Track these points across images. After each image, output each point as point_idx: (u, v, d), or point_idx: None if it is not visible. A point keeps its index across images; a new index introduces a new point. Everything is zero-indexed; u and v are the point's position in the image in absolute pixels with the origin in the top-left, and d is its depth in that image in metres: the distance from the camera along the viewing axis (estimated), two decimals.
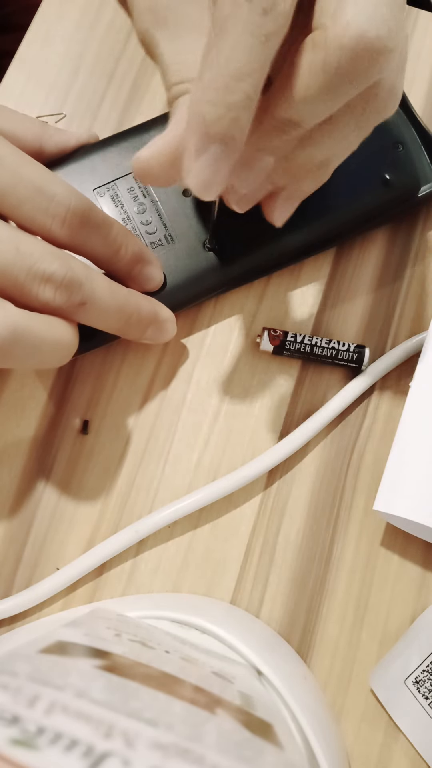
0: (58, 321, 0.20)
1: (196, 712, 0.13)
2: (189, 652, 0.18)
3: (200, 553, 0.24)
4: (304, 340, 0.25)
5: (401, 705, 0.22)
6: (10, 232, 0.19)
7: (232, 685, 0.17)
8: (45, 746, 0.10)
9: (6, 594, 0.24)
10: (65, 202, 0.20)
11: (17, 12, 0.44)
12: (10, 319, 0.18)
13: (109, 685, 0.13)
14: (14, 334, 0.18)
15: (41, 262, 0.19)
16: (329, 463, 0.25)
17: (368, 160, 0.26)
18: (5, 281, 0.19)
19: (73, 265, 0.19)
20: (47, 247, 0.19)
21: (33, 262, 0.19)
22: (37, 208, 0.19)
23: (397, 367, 0.26)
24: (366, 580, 0.24)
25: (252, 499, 0.25)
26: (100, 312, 0.21)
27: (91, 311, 0.20)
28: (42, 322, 0.19)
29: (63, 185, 0.20)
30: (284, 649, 0.23)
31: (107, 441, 0.25)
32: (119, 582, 0.24)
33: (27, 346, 0.19)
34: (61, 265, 0.19)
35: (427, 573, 0.24)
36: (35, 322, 0.19)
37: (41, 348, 0.19)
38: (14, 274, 0.19)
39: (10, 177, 0.19)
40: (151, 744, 0.11)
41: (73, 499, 0.25)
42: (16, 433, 0.25)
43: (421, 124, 0.26)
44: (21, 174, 0.19)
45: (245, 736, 0.13)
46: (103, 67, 0.29)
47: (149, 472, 0.25)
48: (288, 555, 0.24)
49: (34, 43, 0.29)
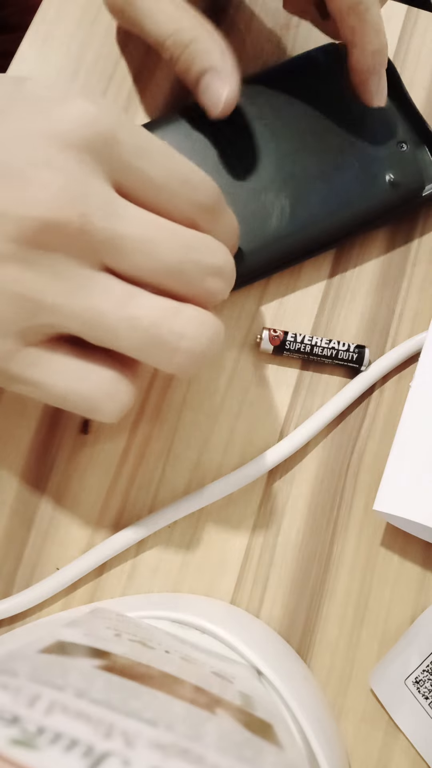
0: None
1: (196, 712, 0.13)
2: (189, 652, 0.18)
3: (200, 553, 0.24)
4: (304, 340, 0.25)
5: (401, 705, 0.22)
6: (178, 229, 0.18)
7: (232, 685, 0.17)
8: (45, 746, 0.10)
9: (6, 594, 0.24)
10: (209, 193, 0.19)
11: (17, 13, 0.44)
12: (219, 326, 0.18)
13: (109, 685, 0.13)
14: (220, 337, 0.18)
15: (209, 255, 0.18)
16: (329, 463, 0.25)
17: (372, 160, 0.26)
18: (178, 279, 0.18)
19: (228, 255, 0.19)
20: (207, 239, 0.19)
21: (200, 256, 0.18)
22: (186, 200, 0.19)
23: (397, 367, 0.26)
24: (366, 580, 0.24)
25: (252, 499, 0.25)
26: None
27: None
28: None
29: (203, 176, 0.19)
30: (284, 649, 0.23)
31: (107, 441, 0.25)
32: (119, 582, 0.24)
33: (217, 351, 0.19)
34: (225, 258, 0.19)
35: (427, 573, 0.24)
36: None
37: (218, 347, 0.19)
38: (185, 270, 0.18)
39: (164, 172, 0.18)
40: (151, 744, 0.11)
41: (73, 498, 0.25)
42: (16, 433, 0.25)
43: (424, 122, 0.26)
44: (170, 168, 0.19)
45: (245, 736, 0.13)
46: (103, 67, 0.29)
47: (149, 472, 0.25)
48: (288, 555, 0.24)
49: (34, 43, 0.29)
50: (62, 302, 0.17)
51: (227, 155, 0.25)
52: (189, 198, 0.19)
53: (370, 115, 0.26)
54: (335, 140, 0.26)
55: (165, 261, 0.18)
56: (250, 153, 0.25)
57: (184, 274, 0.18)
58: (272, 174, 0.25)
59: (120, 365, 0.19)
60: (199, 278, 0.18)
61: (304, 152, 0.26)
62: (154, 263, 0.18)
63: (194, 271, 0.18)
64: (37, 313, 0.17)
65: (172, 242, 0.18)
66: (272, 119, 0.26)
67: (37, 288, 0.17)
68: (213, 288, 0.19)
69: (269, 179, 0.25)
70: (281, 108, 0.26)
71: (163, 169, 0.18)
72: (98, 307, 0.17)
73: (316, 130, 0.26)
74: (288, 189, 0.25)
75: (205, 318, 0.18)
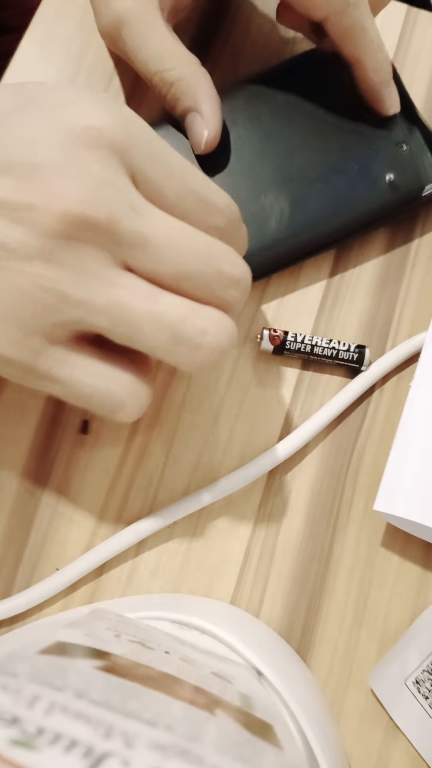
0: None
1: (195, 713, 0.13)
2: (188, 652, 0.18)
3: (200, 554, 0.24)
4: (304, 340, 0.25)
5: (401, 705, 0.22)
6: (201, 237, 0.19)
7: (232, 686, 0.17)
8: (45, 747, 0.10)
9: (6, 594, 0.24)
10: (226, 213, 0.20)
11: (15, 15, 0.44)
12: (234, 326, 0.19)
13: (108, 685, 0.13)
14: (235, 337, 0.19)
15: (229, 265, 0.19)
16: (329, 463, 0.25)
17: (372, 161, 0.26)
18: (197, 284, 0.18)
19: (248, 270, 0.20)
20: (229, 250, 0.19)
21: (221, 265, 0.19)
22: (201, 219, 0.19)
23: (397, 367, 0.26)
24: (366, 580, 0.24)
25: (252, 499, 0.25)
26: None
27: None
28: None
29: (221, 194, 0.20)
30: (284, 650, 0.23)
31: (107, 441, 0.25)
32: (119, 582, 0.24)
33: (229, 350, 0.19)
34: (245, 271, 0.19)
35: (426, 573, 0.24)
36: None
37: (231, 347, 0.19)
38: (205, 276, 0.18)
39: (181, 188, 0.19)
40: (150, 744, 0.11)
41: (73, 499, 0.25)
42: (16, 433, 0.25)
43: (423, 123, 0.26)
44: (188, 184, 0.19)
45: (245, 736, 0.13)
46: (102, 67, 0.29)
47: (149, 472, 0.25)
48: (288, 555, 0.24)
49: (34, 44, 0.29)
50: (89, 297, 0.17)
51: (227, 156, 0.25)
52: (204, 218, 0.19)
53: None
54: (335, 141, 0.26)
55: (187, 265, 0.18)
56: (249, 154, 0.25)
57: (204, 280, 0.18)
58: (272, 175, 0.25)
59: (137, 367, 0.19)
60: (217, 286, 0.19)
61: (304, 153, 0.26)
62: (176, 266, 0.18)
63: (214, 278, 0.18)
64: (64, 309, 0.17)
65: (195, 248, 0.18)
66: (272, 120, 0.26)
67: (63, 284, 0.17)
68: (230, 298, 0.19)
69: (269, 180, 0.25)
70: (281, 108, 0.26)
71: (181, 186, 0.19)
72: (124, 302, 0.17)
73: (315, 131, 0.26)
74: (288, 190, 0.25)
75: (223, 317, 0.19)
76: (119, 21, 0.23)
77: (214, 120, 0.24)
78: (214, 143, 0.24)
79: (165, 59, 0.23)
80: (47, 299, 0.17)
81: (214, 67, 0.29)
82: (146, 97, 0.28)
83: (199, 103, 0.24)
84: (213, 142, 0.24)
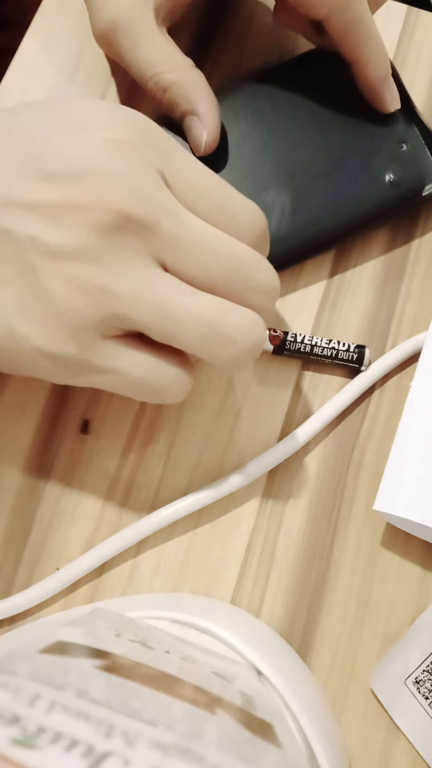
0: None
1: (196, 712, 0.13)
2: (189, 652, 0.18)
3: (200, 553, 0.24)
4: (304, 340, 0.25)
5: (401, 705, 0.22)
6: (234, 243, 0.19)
7: (233, 685, 0.17)
8: (45, 746, 0.10)
9: (6, 594, 0.24)
10: (254, 222, 0.20)
11: (16, 10, 0.44)
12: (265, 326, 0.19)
13: (109, 685, 0.13)
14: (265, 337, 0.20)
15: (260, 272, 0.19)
16: (329, 463, 0.25)
17: (372, 160, 0.26)
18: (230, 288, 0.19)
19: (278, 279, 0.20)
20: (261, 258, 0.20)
21: (252, 272, 0.19)
22: (230, 228, 0.20)
23: (397, 367, 0.26)
24: (366, 580, 0.24)
25: (252, 499, 0.25)
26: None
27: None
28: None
29: (249, 205, 0.20)
30: (284, 649, 0.23)
31: (107, 441, 0.25)
32: (119, 582, 0.24)
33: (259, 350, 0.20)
34: (275, 280, 0.20)
35: (427, 573, 0.24)
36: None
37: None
38: (238, 281, 0.19)
39: (211, 197, 0.19)
40: (151, 744, 0.11)
41: (73, 498, 0.25)
42: (16, 433, 0.25)
43: (423, 122, 0.26)
44: (218, 195, 0.20)
45: (245, 736, 0.13)
46: (103, 67, 0.29)
47: (149, 472, 0.25)
48: (288, 555, 0.24)
49: (35, 42, 0.29)
50: (133, 294, 0.18)
51: (228, 154, 0.25)
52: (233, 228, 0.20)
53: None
54: (335, 140, 0.26)
55: (221, 269, 0.19)
56: (250, 152, 0.25)
57: (237, 284, 0.19)
58: (272, 173, 0.25)
59: (179, 357, 0.20)
60: (248, 291, 0.19)
61: (304, 152, 0.26)
62: (211, 269, 0.19)
63: (246, 283, 0.19)
64: (111, 305, 0.18)
65: (230, 253, 0.19)
66: (273, 118, 0.26)
67: (110, 280, 0.18)
68: (259, 303, 0.20)
69: (269, 179, 0.25)
70: (281, 107, 0.26)
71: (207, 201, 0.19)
72: (165, 299, 0.18)
73: (316, 130, 0.26)
74: (288, 188, 0.25)
75: (256, 317, 0.19)
76: (113, 25, 0.23)
77: (212, 121, 0.24)
78: (213, 145, 0.24)
79: (159, 63, 0.23)
80: (95, 296, 0.18)
81: (216, 64, 0.29)
82: (146, 97, 0.28)
83: (196, 106, 0.24)
84: (212, 144, 0.24)
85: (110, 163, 0.18)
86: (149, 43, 0.23)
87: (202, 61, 0.28)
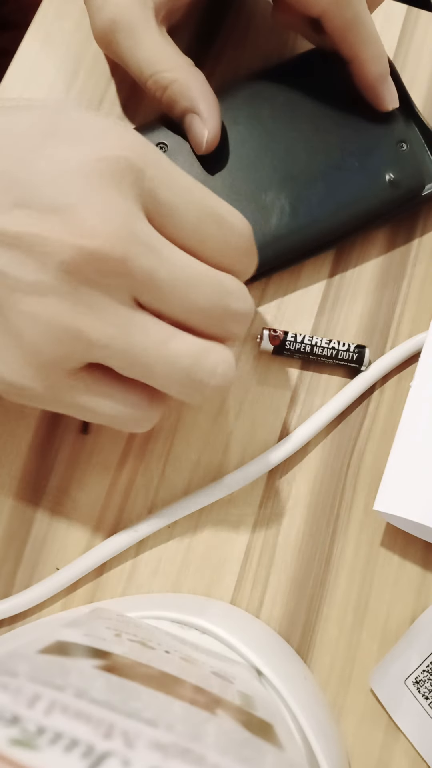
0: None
1: (196, 712, 0.13)
2: (189, 652, 0.18)
3: (200, 553, 0.24)
4: (304, 340, 0.25)
5: (401, 705, 0.22)
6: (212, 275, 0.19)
7: (232, 685, 0.17)
8: (45, 746, 0.10)
9: (6, 594, 0.24)
10: (243, 233, 0.20)
11: (16, 11, 0.44)
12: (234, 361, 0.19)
13: (109, 685, 0.13)
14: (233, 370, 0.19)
15: (237, 301, 0.19)
16: (329, 463, 0.25)
17: (372, 159, 0.26)
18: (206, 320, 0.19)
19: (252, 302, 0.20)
20: (238, 285, 0.20)
21: (230, 301, 0.19)
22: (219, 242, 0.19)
23: (397, 367, 0.26)
24: (366, 580, 0.24)
25: (252, 499, 0.25)
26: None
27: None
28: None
29: (236, 215, 0.20)
30: (284, 649, 0.23)
31: (107, 441, 0.25)
32: (119, 582, 0.24)
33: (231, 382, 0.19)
34: (250, 305, 0.20)
35: (427, 573, 0.24)
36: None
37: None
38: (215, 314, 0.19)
39: (199, 212, 0.19)
40: (151, 744, 0.11)
41: (73, 498, 0.25)
42: (16, 433, 0.25)
43: (423, 122, 0.26)
44: (206, 208, 0.19)
45: (245, 736, 0.13)
46: (103, 67, 0.29)
47: (149, 472, 0.25)
48: (288, 555, 0.24)
49: (34, 42, 0.29)
50: (105, 337, 0.17)
51: (227, 155, 0.25)
52: (222, 242, 0.19)
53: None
54: (335, 140, 0.26)
55: (197, 302, 0.18)
56: (249, 153, 0.25)
57: (213, 317, 0.19)
58: (272, 174, 0.25)
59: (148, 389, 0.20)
60: (225, 322, 0.19)
61: (304, 152, 0.26)
62: (187, 303, 0.18)
63: (223, 315, 0.19)
64: (80, 348, 0.17)
65: (208, 287, 0.18)
66: (271, 118, 0.26)
67: (80, 321, 0.17)
68: (235, 331, 0.20)
69: (269, 179, 0.25)
70: (281, 107, 0.26)
71: (198, 210, 0.19)
72: (139, 345, 0.18)
73: (316, 130, 0.26)
74: (288, 189, 0.25)
75: (228, 354, 0.19)
76: (113, 25, 0.23)
77: (213, 119, 0.24)
78: (214, 143, 0.24)
79: (158, 62, 0.23)
80: (64, 337, 0.17)
81: (216, 64, 0.29)
82: (145, 97, 0.28)
83: (197, 104, 0.24)
84: (214, 142, 0.24)
85: (89, 197, 0.17)
86: (149, 42, 0.23)
87: (202, 60, 0.28)
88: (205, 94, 0.24)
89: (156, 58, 0.23)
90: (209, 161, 0.25)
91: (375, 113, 0.26)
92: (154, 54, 0.23)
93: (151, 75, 0.24)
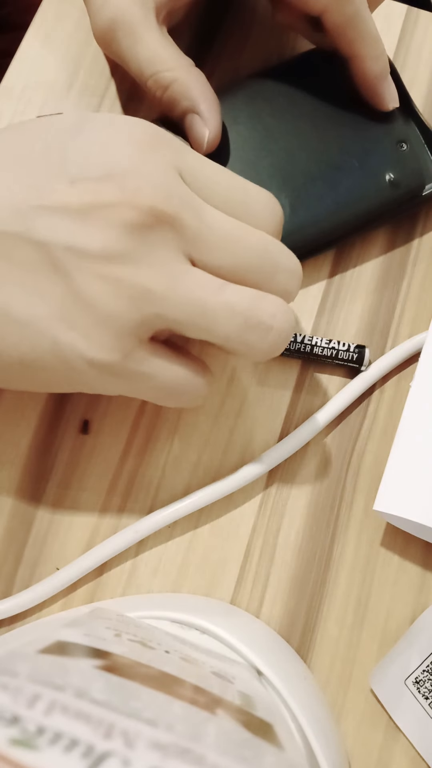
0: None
1: (196, 712, 0.13)
2: (189, 652, 0.18)
3: (200, 553, 0.24)
4: (304, 340, 0.25)
5: (401, 705, 0.22)
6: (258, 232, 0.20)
7: (232, 685, 0.17)
8: (45, 746, 0.10)
9: (6, 594, 0.24)
10: (269, 204, 0.21)
11: (16, 12, 0.44)
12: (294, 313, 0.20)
13: (109, 685, 0.13)
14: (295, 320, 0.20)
15: (284, 256, 0.20)
16: (329, 463, 0.25)
17: (372, 160, 0.26)
18: (257, 276, 0.20)
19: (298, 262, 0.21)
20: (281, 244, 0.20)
21: (277, 256, 0.20)
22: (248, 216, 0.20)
23: (397, 367, 0.26)
24: (366, 580, 0.24)
25: (252, 499, 0.25)
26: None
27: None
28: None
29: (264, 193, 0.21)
30: (284, 649, 0.23)
31: (107, 441, 0.25)
32: (119, 582, 0.24)
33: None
34: (297, 263, 0.21)
35: (427, 573, 0.24)
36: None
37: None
38: (263, 267, 0.20)
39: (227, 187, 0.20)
40: (151, 744, 0.11)
41: (73, 499, 0.25)
42: (16, 434, 0.25)
43: (423, 122, 0.26)
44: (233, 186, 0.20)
45: (245, 736, 0.13)
46: (103, 67, 0.29)
47: (149, 473, 0.25)
48: (288, 555, 0.24)
49: (34, 43, 0.29)
50: (169, 291, 0.18)
51: (227, 155, 0.25)
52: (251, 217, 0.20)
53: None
54: (335, 140, 0.26)
55: (248, 257, 0.19)
56: (249, 152, 0.25)
57: (264, 270, 0.19)
58: (272, 173, 0.25)
59: (199, 364, 0.21)
60: (275, 277, 0.20)
61: (304, 152, 0.26)
62: (238, 259, 0.19)
63: (271, 270, 0.20)
64: (149, 304, 0.18)
65: (253, 242, 0.19)
66: (272, 118, 0.26)
67: (145, 279, 0.18)
68: (287, 287, 0.20)
69: (269, 179, 0.25)
70: (281, 107, 0.26)
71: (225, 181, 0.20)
72: (199, 295, 0.18)
73: (316, 129, 0.26)
74: (288, 189, 0.25)
75: (285, 304, 0.20)
76: (113, 25, 0.23)
77: (214, 119, 0.24)
78: (215, 142, 0.24)
79: (159, 62, 0.23)
80: (133, 297, 0.18)
81: (216, 64, 0.29)
82: (146, 97, 0.28)
83: (197, 103, 0.24)
84: (214, 142, 0.24)
85: (135, 162, 0.18)
86: (149, 42, 0.23)
87: (202, 60, 0.28)
88: (206, 94, 0.24)
89: (156, 57, 0.23)
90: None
91: (375, 113, 0.26)
92: (154, 54, 0.23)
93: (151, 75, 0.24)
